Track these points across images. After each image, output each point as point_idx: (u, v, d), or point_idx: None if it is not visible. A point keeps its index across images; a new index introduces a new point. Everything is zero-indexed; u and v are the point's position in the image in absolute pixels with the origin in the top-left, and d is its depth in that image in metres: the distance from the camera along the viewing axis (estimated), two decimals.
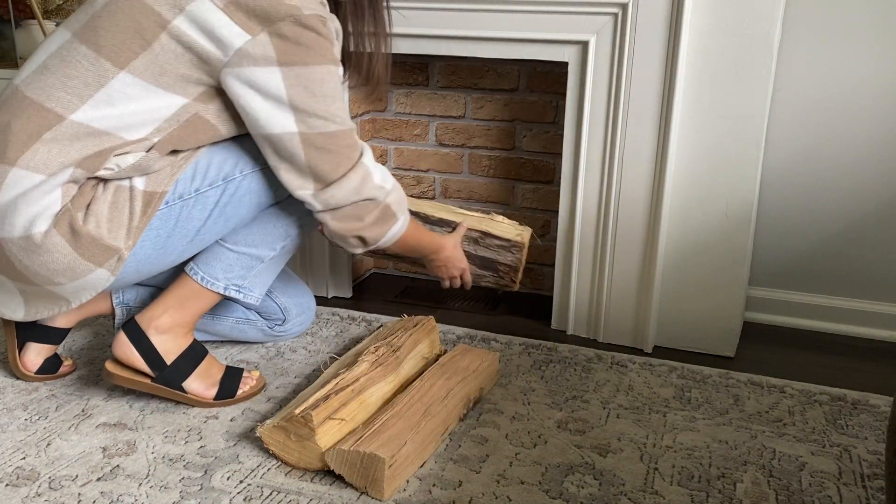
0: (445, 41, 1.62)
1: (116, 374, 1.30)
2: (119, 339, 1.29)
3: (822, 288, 1.76)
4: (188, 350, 1.33)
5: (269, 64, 1.15)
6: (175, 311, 1.32)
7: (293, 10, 1.14)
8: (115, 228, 1.18)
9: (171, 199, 1.21)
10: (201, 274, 1.32)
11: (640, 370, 1.51)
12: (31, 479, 1.13)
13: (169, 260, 1.27)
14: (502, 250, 1.62)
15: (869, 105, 1.63)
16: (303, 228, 1.35)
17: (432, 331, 1.48)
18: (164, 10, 1.14)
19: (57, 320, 1.41)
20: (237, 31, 1.13)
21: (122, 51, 1.14)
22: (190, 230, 1.25)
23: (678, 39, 1.43)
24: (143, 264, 1.24)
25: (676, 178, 1.53)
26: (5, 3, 2.62)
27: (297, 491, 1.12)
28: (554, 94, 1.81)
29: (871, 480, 1.17)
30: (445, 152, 1.95)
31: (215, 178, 1.24)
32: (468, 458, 1.21)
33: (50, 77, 1.15)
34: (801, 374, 1.53)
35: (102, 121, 1.15)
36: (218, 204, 1.25)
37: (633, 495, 1.12)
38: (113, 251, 1.18)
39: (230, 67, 1.15)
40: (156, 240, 1.22)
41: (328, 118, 1.19)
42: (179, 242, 1.25)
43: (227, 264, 1.32)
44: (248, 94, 1.17)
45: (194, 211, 1.24)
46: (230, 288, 1.33)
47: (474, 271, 1.65)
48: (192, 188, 1.23)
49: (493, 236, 1.62)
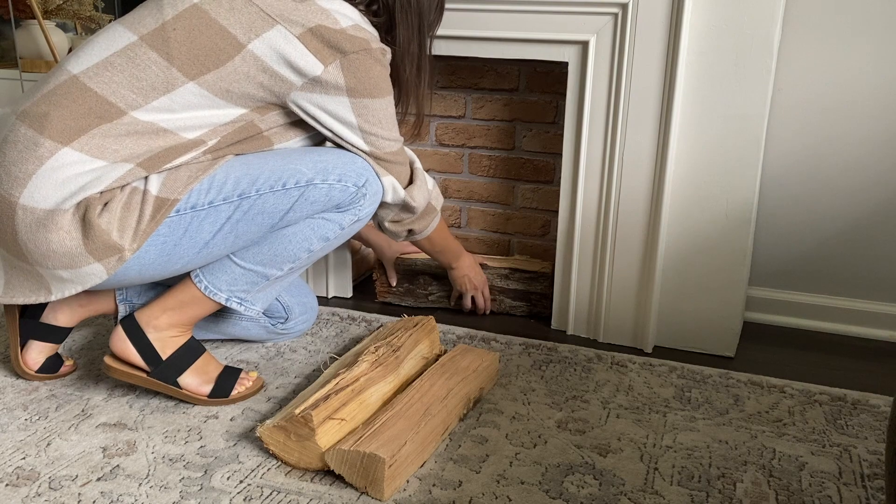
0: (445, 41, 1.62)
1: (113, 366, 1.31)
2: (116, 333, 1.30)
3: (822, 288, 1.76)
4: (184, 346, 1.33)
5: (339, 94, 1.25)
6: (174, 314, 1.32)
7: (365, 45, 1.24)
8: (123, 228, 1.19)
9: (183, 209, 1.22)
10: (205, 283, 1.32)
11: (640, 370, 1.51)
12: (31, 479, 1.13)
13: (174, 268, 1.27)
14: (532, 281, 1.77)
15: (869, 105, 1.63)
16: (312, 254, 1.33)
17: (432, 331, 1.48)
18: (240, 35, 1.20)
19: (60, 319, 1.41)
20: (312, 60, 1.22)
21: (195, 65, 1.21)
22: (198, 242, 1.25)
23: (678, 39, 1.43)
24: (146, 268, 1.24)
25: (676, 177, 1.53)
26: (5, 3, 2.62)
27: (297, 491, 1.12)
28: (554, 94, 1.81)
29: (871, 480, 1.17)
30: (445, 152, 1.95)
31: (230, 194, 1.24)
32: (468, 458, 1.21)
33: (117, 75, 1.20)
34: (801, 374, 1.53)
35: (162, 121, 1.21)
36: (230, 219, 1.25)
37: (633, 495, 1.12)
38: (116, 249, 1.19)
39: (302, 91, 1.25)
40: (162, 246, 1.22)
41: (391, 139, 1.34)
42: (186, 252, 1.25)
43: (233, 278, 1.32)
44: (320, 113, 1.27)
45: (205, 223, 1.24)
46: (232, 300, 1.34)
47: (510, 303, 1.79)
48: (206, 200, 1.23)
49: (521, 270, 1.78)
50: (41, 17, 2.53)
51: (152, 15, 1.22)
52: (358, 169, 1.30)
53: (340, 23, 1.23)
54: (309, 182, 1.25)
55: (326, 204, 1.28)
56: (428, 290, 1.82)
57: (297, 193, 1.25)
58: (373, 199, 1.33)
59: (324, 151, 1.31)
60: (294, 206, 1.26)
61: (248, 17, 1.21)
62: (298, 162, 1.27)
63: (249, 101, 1.25)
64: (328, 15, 1.23)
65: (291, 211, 1.26)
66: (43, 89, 1.22)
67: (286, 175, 1.25)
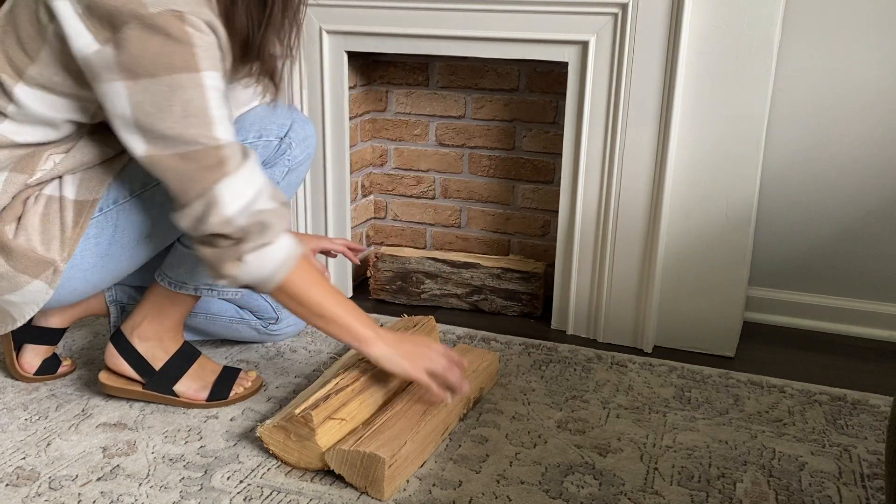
0: (445, 41, 1.62)
1: (109, 384, 1.31)
2: (108, 350, 1.31)
3: (822, 288, 1.76)
4: (177, 354, 1.32)
5: (112, 78, 1.00)
6: (154, 318, 1.30)
7: (137, 10, 0.96)
8: (47, 241, 1.13)
9: (105, 206, 1.16)
10: (168, 279, 1.27)
11: (640, 370, 1.51)
12: (31, 479, 1.13)
13: (122, 266, 1.22)
14: (523, 282, 1.77)
15: (869, 105, 1.63)
16: None
17: (432, 331, 1.48)
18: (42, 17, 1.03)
19: (52, 320, 1.40)
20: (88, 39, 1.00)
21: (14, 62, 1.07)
22: (131, 235, 1.19)
23: (678, 39, 1.43)
24: (91, 274, 1.19)
25: (676, 178, 1.53)
26: None
27: (297, 491, 1.12)
28: (554, 94, 1.81)
29: (871, 480, 1.17)
30: (445, 152, 1.95)
31: (150, 179, 1.15)
32: (468, 458, 1.21)
33: None
34: (801, 374, 1.53)
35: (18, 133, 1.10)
36: (156, 204, 1.17)
37: (633, 495, 1.12)
38: (47, 263, 1.13)
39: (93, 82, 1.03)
40: (96, 248, 1.17)
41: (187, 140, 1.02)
42: (125, 248, 1.19)
43: (191, 266, 1.25)
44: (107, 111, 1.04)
45: (132, 215, 1.18)
46: (201, 289, 1.29)
47: (501, 303, 1.78)
48: (128, 192, 1.17)
49: (513, 270, 1.77)
50: None
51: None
52: (279, 119, 1.23)
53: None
54: None
55: None
56: (421, 288, 1.82)
57: None
58: (302, 146, 1.27)
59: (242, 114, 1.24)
60: None
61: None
62: None
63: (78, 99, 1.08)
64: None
65: None
66: None
67: None
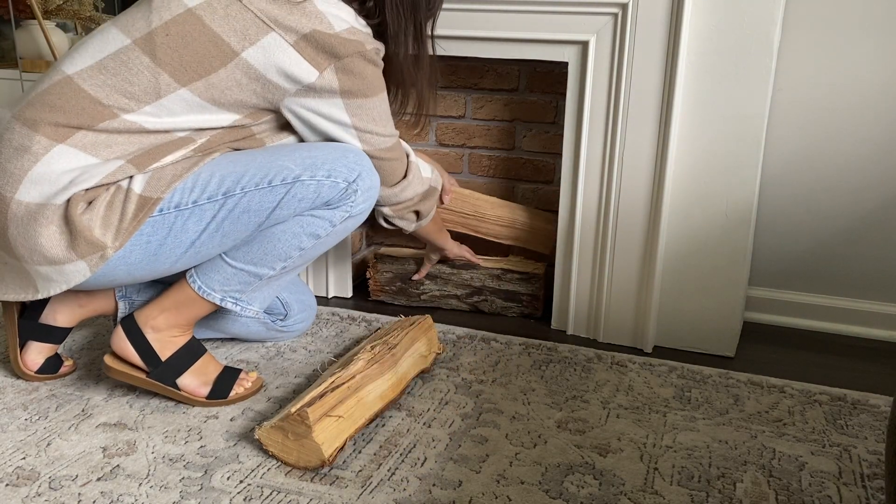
0: (445, 41, 1.62)
1: (113, 367, 1.31)
2: (116, 333, 1.31)
3: (822, 288, 1.76)
4: (184, 348, 1.33)
5: (333, 96, 1.26)
6: (171, 315, 1.32)
7: (359, 47, 1.24)
8: (106, 226, 1.19)
9: (166, 208, 1.21)
10: (199, 283, 1.31)
11: (640, 370, 1.51)
12: (31, 479, 1.13)
13: (163, 268, 1.26)
14: (523, 282, 1.77)
15: (869, 105, 1.63)
16: (304, 252, 1.31)
17: (429, 329, 1.48)
18: (234, 42, 1.20)
19: (59, 319, 1.41)
20: (307, 67, 1.22)
21: (187, 71, 1.20)
22: (184, 241, 1.23)
23: (678, 39, 1.43)
24: (133, 268, 1.23)
25: (676, 177, 1.53)
26: (5, 3, 2.62)
27: (297, 491, 1.12)
28: (554, 94, 1.81)
29: (871, 480, 1.17)
30: (445, 152, 1.95)
31: (215, 192, 1.22)
32: (468, 457, 1.21)
33: (110, 78, 1.20)
34: (801, 374, 1.53)
35: (153, 124, 1.22)
36: (215, 218, 1.23)
37: (633, 495, 1.12)
38: (98, 247, 1.18)
39: (295, 97, 1.25)
40: (146, 246, 1.22)
41: (386, 135, 1.35)
42: (173, 252, 1.24)
43: (225, 277, 1.31)
44: (313, 116, 1.28)
45: (189, 223, 1.22)
46: (227, 300, 1.32)
47: (501, 304, 1.80)
48: (190, 199, 1.22)
49: (513, 271, 1.78)
50: (41, 18, 2.53)
51: (144, 18, 1.22)
52: (350, 164, 1.28)
53: (335, 27, 1.22)
54: (296, 179, 1.24)
55: (315, 201, 1.26)
56: (420, 289, 1.82)
57: (284, 190, 1.23)
58: (366, 195, 1.31)
59: (315, 147, 1.29)
60: (281, 203, 1.24)
61: (243, 23, 1.20)
62: (287, 158, 1.25)
63: (242, 107, 1.25)
64: (322, 19, 1.22)
65: (278, 208, 1.25)
66: (38, 88, 1.22)
67: (273, 172, 1.23)
